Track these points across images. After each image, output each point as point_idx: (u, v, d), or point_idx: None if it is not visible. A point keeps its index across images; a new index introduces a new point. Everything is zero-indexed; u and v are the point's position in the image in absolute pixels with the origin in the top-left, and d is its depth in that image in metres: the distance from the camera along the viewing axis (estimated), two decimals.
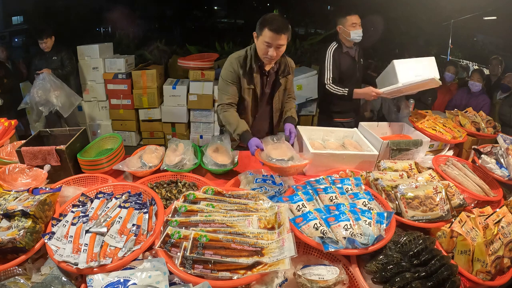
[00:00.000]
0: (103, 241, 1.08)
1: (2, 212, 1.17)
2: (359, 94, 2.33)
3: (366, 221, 1.19)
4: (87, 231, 1.10)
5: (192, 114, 4.38)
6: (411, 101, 3.68)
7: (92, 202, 1.28)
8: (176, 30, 6.98)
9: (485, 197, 1.60)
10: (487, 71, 4.32)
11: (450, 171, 1.69)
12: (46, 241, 1.11)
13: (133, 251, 1.07)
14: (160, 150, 1.86)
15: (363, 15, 2.34)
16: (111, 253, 1.05)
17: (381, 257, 1.13)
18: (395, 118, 3.70)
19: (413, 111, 2.34)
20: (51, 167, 1.65)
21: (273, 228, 1.15)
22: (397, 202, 1.41)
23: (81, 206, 1.26)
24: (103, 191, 1.37)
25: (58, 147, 1.63)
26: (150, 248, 1.11)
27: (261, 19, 1.73)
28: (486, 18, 5.36)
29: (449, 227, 1.31)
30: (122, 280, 0.98)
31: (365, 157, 1.81)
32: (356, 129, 2.13)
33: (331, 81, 2.39)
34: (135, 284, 0.97)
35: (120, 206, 1.22)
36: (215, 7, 8.05)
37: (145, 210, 1.21)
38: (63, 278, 1.04)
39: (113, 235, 1.09)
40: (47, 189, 1.35)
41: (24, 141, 1.74)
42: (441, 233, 1.32)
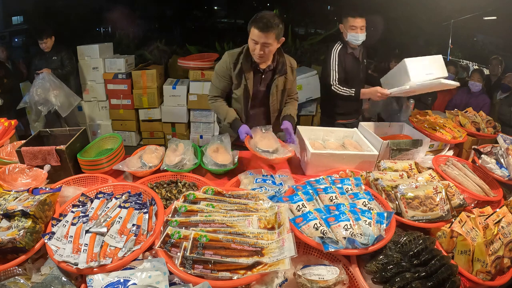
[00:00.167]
0: (103, 241, 1.08)
1: (2, 212, 1.17)
2: (365, 94, 2.30)
3: (366, 221, 1.19)
4: (87, 231, 1.10)
5: (192, 114, 4.37)
6: (411, 101, 3.68)
7: (92, 202, 1.28)
8: (176, 30, 6.98)
9: (485, 197, 1.60)
10: (487, 71, 4.32)
11: (450, 171, 1.69)
12: (46, 241, 1.11)
13: (133, 251, 1.07)
14: (160, 150, 1.86)
15: (363, 15, 2.31)
16: (111, 253, 1.05)
17: (381, 257, 1.13)
18: (395, 118, 3.68)
19: (413, 111, 2.34)
20: (51, 167, 1.65)
21: (273, 228, 1.15)
22: (397, 202, 1.41)
23: (81, 206, 1.26)
24: (103, 191, 1.37)
25: (58, 147, 1.63)
26: (150, 248, 1.11)
27: (253, 16, 1.74)
28: (486, 18, 5.36)
29: (449, 227, 1.31)
30: (122, 280, 0.98)
31: (365, 157, 1.81)
32: (356, 129, 2.13)
33: (337, 82, 2.35)
34: (135, 284, 0.97)
35: (120, 206, 1.22)
36: (215, 7, 8.05)
37: (145, 210, 1.21)
38: (63, 278, 1.04)
39: (113, 235, 1.09)
40: (47, 189, 1.35)
41: (24, 141, 1.74)
42: (441, 233, 1.32)
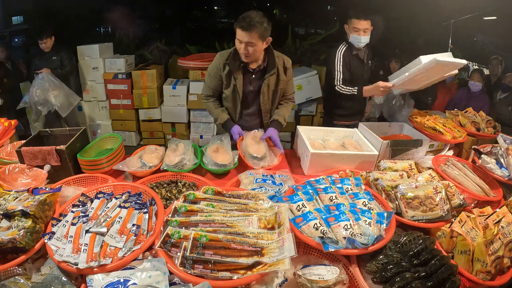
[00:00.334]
0: (103, 241, 1.08)
1: (2, 212, 1.17)
2: (368, 91, 2.27)
3: (366, 221, 1.19)
4: (87, 231, 1.10)
5: (192, 114, 4.37)
6: (411, 101, 3.68)
7: (92, 202, 1.28)
8: (176, 30, 6.97)
9: (485, 197, 1.60)
10: (487, 71, 4.31)
11: (450, 171, 1.69)
12: (46, 241, 1.11)
13: (133, 251, 1.07)
14: (160, 150, 1.86)
15: (368, 18, 2.28)
16: (111, 253, 1.05)
17: (381, 257, 1.13)
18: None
19: (413, 111, 2.33)
20: (51, 167, 1.65)
21: (273, 228, 1.15)
22: (397, 202, 1.41)
23: (81, 206, 1.26)
24: (103, 191, 1.37)
25: (58, 147, 1.63)
26: (150, 248, 1.11)
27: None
28: (486, 18, 5.35)
29: (449, 227, 1.31)
30: (122, 280, 0.98)
31: (365, 157, 1.81)
32: (356, 129, 2.13)
33: (341, 82, 2.33)
34: (135, 284, 0.97)
35: (120, 206, 1.22)
36: (215, 7, 8.04)
37: (145, 210, 1.21)
38: (63, 278, 1.04)
39: (113, 235, 1.09)
40: (47, 189, 1.35)
41: (24, 141, 1.74)
42: (441, 233, 1.32)
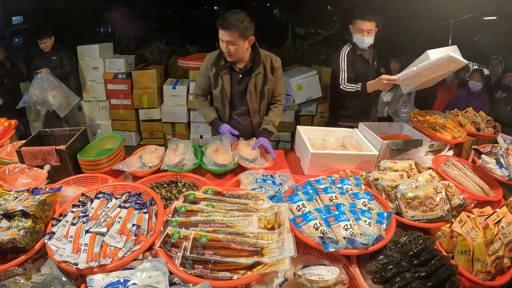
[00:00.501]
0: (103, 241, 1.08)
1: (2, 212, 1.17)
2: (371, 85, 2.20)
3: (366, 221, 1.19)
4: (87, 231, 1.10)
5: (192, 114, 4.37)
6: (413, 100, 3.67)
7: (92, 202, 1.28)
8: (176, 30, 6.96)
9: (485, 197, 1.60)
10: (487, 71, 4.31)
11: (450, 171, 1.69)
12: (46, 241, 1.11)
13: (133, 251, 1.07)
14: (160, 150, 1.86)
15: (372, 19, 2.27)
16: (111, 253, 1.05)
17: (381, 257, 1.13)
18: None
19: (413, 111, 2.33)
20: (51, 167, 1.65)
21: (273, 228, 1.15)
22: (397, 202, 1.41)
23: (81, 206, 1.26)
24: (103, 191, 1.37)
25: (58, 147, 1.63)
26: (150, 248, 1.11)
27: None
28: (486, 18, 5.35)
29: (449, 227, 1.31)
30: (122, 280, 0.98)
31: (365, 157, 1.81)
32: (356, 129, 2.13)
33: (346, 81, 2.30)
34: (135, 284, 0.97)
35: (120, 206, 1.22)
36: (215, 7, 8.03)
37: (145, 210, 1.21)
38: (63, 278, 1.04)
39: (113, 235, 1.09)
40: (47, 189, 1.35)
41: (24, 141, 1.74)
42: (441, 233, 1.32)
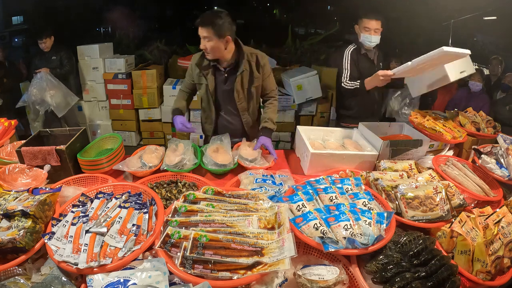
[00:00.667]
0: (103, 241, 1.08)
1: (2, 212, 1.17)
2: (368, 82, 2.18)
3: (366, 221, 1.19)
4: (87, 231, 1.10)
5: (192, 114, 4.36)
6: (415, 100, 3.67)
7: (92, 202, 1.28)
8: (176, 30, 6.96)
9: (485, 197, 1.60)
10: (487, 71, 4.32)
11: (450, 171, 1.69)
12: (46, 241, 1.11)
13: (133, 251, 1.07)
14: (160, 150, 1.86)
15: (379, 18, 2.25)
16: (111, 253, 1.05)
17: (381, 257, 1.13)
18: (396, 118, 3.65)
19: (413, 111, 2.33)
20: (51, 167, 1.65)
21: (273, 228, 1.15)
22: (397, 202, 1.41)
23: (81, 206, 1.26)
24: (103, 191, 1.37)
25: (58, 147, 1.63)
26: (150, 248, 1.11)
27: None
28: (486, 18, 5.35)
29: (449, 227, 1.31)
30: (122, 280, 0.98)
31: (365, 157, 1.81)
32: (356, 129, 2.13)
33: (348, 79, 2.28)
34: (135, 284, 0.97)
35: (120, 206, 1.22)
36: (215, 7, 8.05)
37: (145, 210, 1.21)
38: (63, 278, 1.04)
39: (113, 235, 1.09)
40: (47, 189, 1.35)
41: (24, 141, 1.74)
42: (441, 233, 1.32)
